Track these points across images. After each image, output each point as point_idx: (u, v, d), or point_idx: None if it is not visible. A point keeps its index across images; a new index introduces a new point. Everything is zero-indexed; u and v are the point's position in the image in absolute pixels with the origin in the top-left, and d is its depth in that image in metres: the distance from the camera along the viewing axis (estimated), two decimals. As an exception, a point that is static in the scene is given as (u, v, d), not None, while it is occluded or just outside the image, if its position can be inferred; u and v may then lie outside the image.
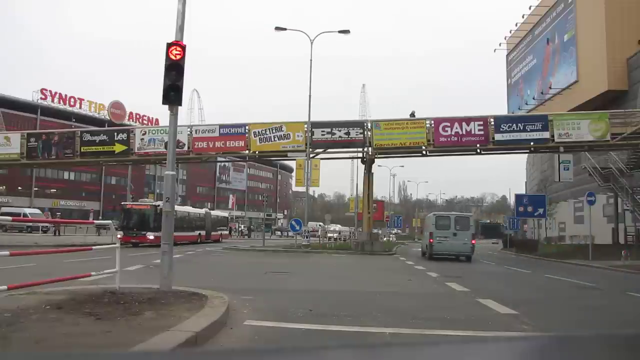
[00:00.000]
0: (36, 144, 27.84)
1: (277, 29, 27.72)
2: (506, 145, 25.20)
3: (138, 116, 63.31)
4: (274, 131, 25.90)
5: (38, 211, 43.13)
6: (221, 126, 26.70)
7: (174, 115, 7.89)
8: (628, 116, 23.86)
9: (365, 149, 25.85)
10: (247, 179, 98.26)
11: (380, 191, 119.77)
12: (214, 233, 36.44)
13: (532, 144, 24.93)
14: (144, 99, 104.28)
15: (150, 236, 25.16)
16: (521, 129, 24.13)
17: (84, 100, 61.07)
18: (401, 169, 71.50)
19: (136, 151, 27.11)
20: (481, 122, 24.59)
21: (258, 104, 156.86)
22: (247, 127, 26.23)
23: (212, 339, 4.96)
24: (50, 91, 58.87)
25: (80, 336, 4.42)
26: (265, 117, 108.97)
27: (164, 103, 7.62)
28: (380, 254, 25.02)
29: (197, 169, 74.61)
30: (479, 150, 25.65)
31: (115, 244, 7.82)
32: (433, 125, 24.91)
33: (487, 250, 40.76)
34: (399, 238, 62.78)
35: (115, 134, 27.80)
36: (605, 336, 2.19)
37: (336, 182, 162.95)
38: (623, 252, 21.35)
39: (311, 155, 26.41)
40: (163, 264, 7.36)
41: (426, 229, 25.04)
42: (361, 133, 25.53)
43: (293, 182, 69.74)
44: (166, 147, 10.35)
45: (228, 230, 43.52)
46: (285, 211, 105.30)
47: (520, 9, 53.30)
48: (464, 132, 24.48)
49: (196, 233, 32.81)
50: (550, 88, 37.32)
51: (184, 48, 7.65)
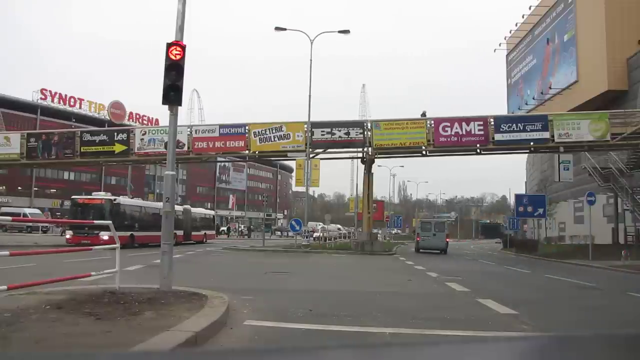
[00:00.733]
0: (36, 144, 27.85)
1: (277, 29, 27.74)
2: (506, 145, 25.20)
3: (138, 116, 63.30)
4: (274, 131, 25.90)
5: (38, 211, 43.16)
6: (221, 126, 26.71)
7: (174, 115, 7.89)
8: (628, 116, 23.87)
9: (365, 149, 25.85)
10: (247, 179, 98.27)
11: (380, 191, 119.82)
12: (195, 233, 32.84)
13: (532, 144, 24.94)
14: (144, 99, 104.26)
15: (105, 236, 21.18)
16: (521, 129, 24.14)
17: (84, 100, 61.08)
18: (401, 169, 71.60)
19: (136, 151, 27.11)
20: (481, 122, 24.60)
21: (258, 104, 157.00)
22: (247, 127, 26.23)
23: (212, 339, 4.95)
24: (50, 91, 58.87)
25: (80, 336, 4.42)
26: (265, 117, 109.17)
27: (164, 103, 7.62)
28: (380, 254, 25.04)
29: (197, 169, 74.61)
30: (479, 150, 25.66)
31: (115, 244, 7.81)
32: (433, 125, 24.93)
33: (487, 250, 40.82)
34: (398, 238, 62.80)
35: (115, 134, 27.80)
36: (605, 336, 2.19)
37: (336, 182, 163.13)
38: (623, 252, 21.36)
39: (311, 155, 26.42)
40: (163, 264, 7.36)
41: (416, 230, 33.17)
42: (361, 133, 25.54)
43: (293, 182, 69.81)
44: (166, 147, 10.35)
45: (216, 229, 41.12)
46: (285, 211, 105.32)
47: (520, 9, 53.23)
48: (464, 132, 24.48)
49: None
50: (550, 88, 37.32)
51: (184, 48, 7.65)
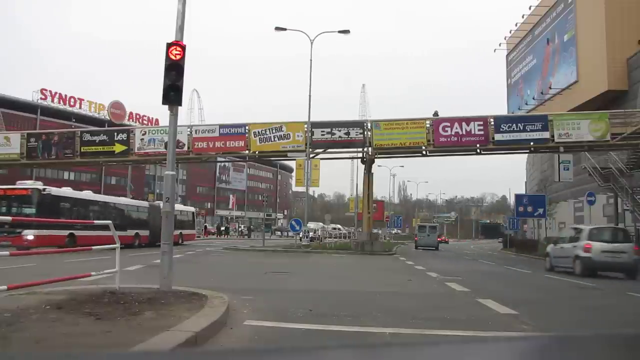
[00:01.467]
0: (36, 144, 27.87)
1: (277, 29, 27.74)
2: (506, 145, 25.20)
3: (138, 116, 63.27)
4: (274, 131, 25.90)
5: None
6: (221, 126, 26.70)
7: (173, 115, 7.89)
8: (628, 116, 23.86)
9: (365, 149, 25.85)
10: (247, 179, 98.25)
11: (380, 191, 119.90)
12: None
13: (532, 144, 24.93)
14: (144, 99, 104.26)
15: (29, 235, 17.95)
16: (521, 129, 24.13)
17: (84, 100, 61.03)
18: (401, 169, 71.68)
19: (136, 151, 27.11)
20: (481, 122, 24.59)
21: (258, 104, 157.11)
22: (247, 127, 26.23)
23: (212, 339, 4.95)
24: (50, 91, 58.84)
25: (80, 336, 4.42)
26: (265, 117, 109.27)
27: (163, 103, 7.62)
28: (380, 254, 25.04)
29: (197, 169, 74.58)
30: (479, 151, 25.65)
31: (116, 244, 7.81)
32: (433, 126, 24.92)
33: (487, 251, 40.86)
34: (398, 238, 62.87)
35: (115, 134, 27.81)
36: (605, 336, 2.19)
37: (336, 182, 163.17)
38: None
39: (311, 155, 26.42)
40: (163, 264, 7.36)
41: (415, 231, 43.42)
42: (361, 133, 25.53)
43: (293, 182, 69.84)
44: (166, 147, 10.35)
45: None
46: (285, 211, 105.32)
47: (520, 9, 53.28)
48: (463, 132, 24.48)
49: (131, 233, 24.71)
50: (550, 88, 37.29)
51: (184, 48, 7.65)
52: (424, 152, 26.40)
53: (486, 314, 7.16)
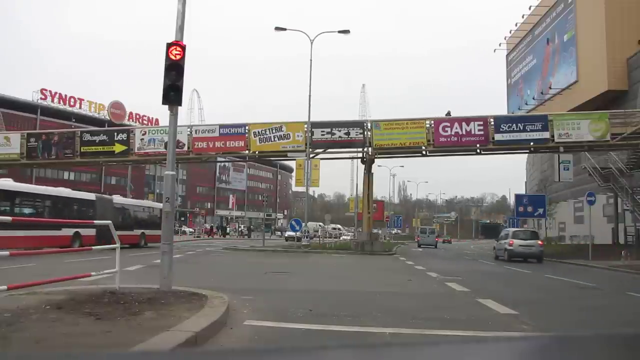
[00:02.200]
0: (36, 144, 27.87)
1: (277, 29, 27.72)
2: (506, 145, 25.20)
3: (138, 116, 63.28)
4: (274, 131, 25.90)
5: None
6: (221, 126, 26.70)
7: (173, 115, 7.89)
8: (628, 116, 23.87)
9: (365, 149, 25.85)
10: (247, 179, 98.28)
11: (380, 191, 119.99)
12: (124, 233, 19.70)
13: (532, 144, 24.94)
14: (144, 99, 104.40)
15: None
16: (521, 129, 24.14)
17: (84, 100, 61.04)
18: (401, 169, 71.72)
19: (136, 151, 27.12)
20: (481, 122, 24.60)
21: (258, 104, 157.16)
22: (247, 127, 26.23)
23: (212, 339, 4.95)
24: (50, 91, 58.85)
25: (80, 336, 4.42)
26: (265, 117, 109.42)
27: (163, 103, 7.62)
28: (380, 254, 25.04)
29: (197, 169, 74.60)
30: (479, 151, 25.66)
31: (116, 244, 7.81)
32: (433, 126, 24.92)
33: (487, 250, 40.74)
34: (398, 238, 62.89)
35: (115, 134, 27.81)
36: (605, 336, 2.19)
37: (336, 182, 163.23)
38: (623, 252, 21.36)
39: (311, 155, 26.42)
40: (163, 264, 7.36)
41: (419, 233, 48.88)
42: (361, 133, 25.53)
43: (293, 182, 69.79)
44: (166, 147, 10.35)
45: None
46: (285, 211, 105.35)
47: (520, 9, 53.30)
48: (463, 132, 24.48)
49: (68, 232, 19.57)
50: (550, 88, 37.31)
51: (184, 48, 7.65)
52: (424, 152, 26.40)
53: (486, 314, 7.16)
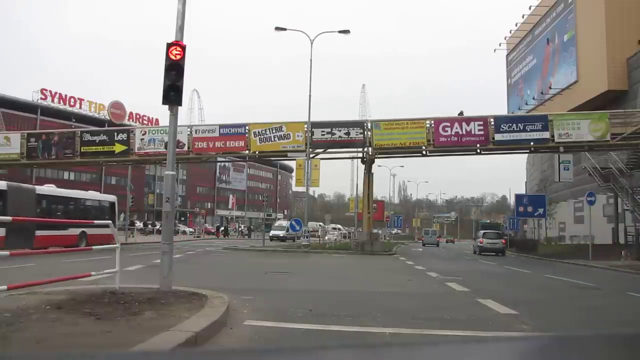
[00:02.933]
0: (36, 144, 27.87)
1: (277, 29, 27.71)
2: (506, 145, 25.19)
3: (138, 116, 63.26)
4: (274, 131, 25.89)
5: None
6: (221, 126, 26.69)
7: (174, 115, 7.89)
8: (628, 116, 23.86)
9: (365, 149, 25.84)
10: (247, 179, 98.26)
11: (380, 191, 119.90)
12: (53, 233, 18.66)
13: (532, 144, 24.92)
14: (144, 99, 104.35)
15: None
16: (521, 129, 24.13)
17: (84, 100, 61.03)
18: (401, 169, 71.78)
19: (136, 151, 27.10)
20: (481, 122, 24.59)
21: (258, 104, 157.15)
22: (247, 127, 26.22)
23: (212, 339, 4.95)
24: (50, 91, 58.84)
25: (80, 336, 4.42)
26: (265, 117, 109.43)
27: (164, 103, 7.62)
28: (380, 254, 25.03)
29: (197, 169, 74.58)
30: (479, 151, 25.64)
31: (116, 243, 7.81)
32: (433, 126, 24.91)
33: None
34: (398, 238, 62.92)
35: (115, 134, 27.79)
36: (605, 336, 2.19)
37: (336, 182, 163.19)
38: (623, 252, 21.36)
39: (311, 155, 26.41)
40: (163, 264, 7.36)
41: (422, 234, 57.56)
42: (361, 133, 25.52)
43: (293, 182, 69.83)
44: (166, 147, 10.35)
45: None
46: (285, 211, 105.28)
47: (520, 9, 53.34)
48: (464, 132, 24.47)
49: None
50: (550, 88, 37.31)
51: (184, 48, 7.65)
52: (424, 152, 26.39)
53: (486, 314, 7.16)
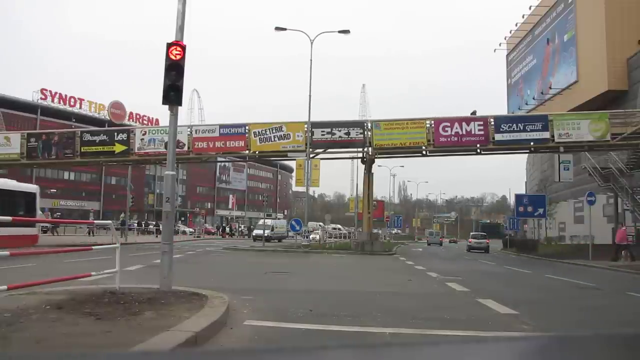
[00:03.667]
0: (36, 144, 27.85)
1: (277, 29, 27.70)
2: (506, 145, 25.19)
3: (138, 116, 63.31)
4: (274, 131, 25.89)
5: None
6: (221, 126, 26.69)
7: (174, 115, 7.89)
8: (628, 116, 23.85)
9: (365, 149, 25.83)
10: (247, 179, 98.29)
11: (380, 191, 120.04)
12: None
13: (532, 144, 24.91)
14: (144, 99, 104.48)
15: None
16: (521, 129, 24.12)
17: (84, 100, 61.11)
18: (401, 169, 71.86)
19: (136, 151, 27.10)
20: (481, 122, 24.58)
21: (258, 104, 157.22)
22: (247, 127, 26.22)
23: (212, 339, 4.96)
24: (50, 91, 58.90)
25: (80, 336, 4.42)
26: (266, 117, 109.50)
27: (164, 103, 7.62)
28: (380, 254, 25.03)
29: (197, 169, 74.61)
30: (479, 151, 25.64)
31: (116, 244, 7.81)
32: (433, 126, 24.90)
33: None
34: (398, 238, 62.95)
35: (115, 134, 27.78)
36: (605, 336, 2.18)
37: (336, 182, 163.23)
38: (623, 252, 21.35)
39: (311, 155, 26.40)
40: (163, 264, 7.36)
41: (426, 235, 65.07)
42: (361, 133, 25.52)
43: (293, 182, 69.86)
44: (166, 147, 10.35)
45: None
46: (285, 211, 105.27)
47: (520, 9, 53.38)
48: (464, 132, 24.47)
49: None
50: (550, 88, 37.30)
51: (184, 48, 7.65)
52: (424, 152, 26.38)
53: (486, 314, 7.16)
